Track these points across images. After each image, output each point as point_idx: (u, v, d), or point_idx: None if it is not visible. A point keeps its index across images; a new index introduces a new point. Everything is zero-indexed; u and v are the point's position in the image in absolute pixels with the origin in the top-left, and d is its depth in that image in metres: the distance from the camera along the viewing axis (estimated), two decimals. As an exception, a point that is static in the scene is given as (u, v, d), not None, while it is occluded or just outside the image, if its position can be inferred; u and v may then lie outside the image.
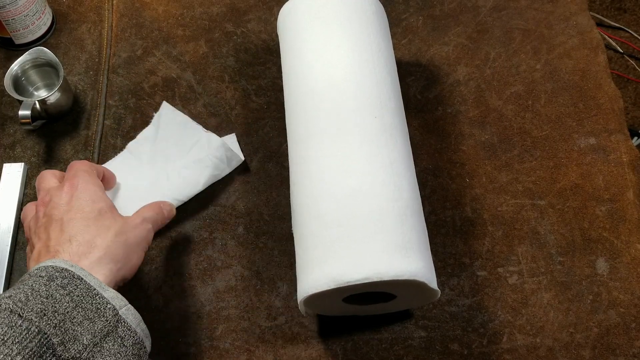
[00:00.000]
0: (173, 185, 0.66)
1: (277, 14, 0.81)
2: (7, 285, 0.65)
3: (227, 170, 0.69)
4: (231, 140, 0.71)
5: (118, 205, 0.64)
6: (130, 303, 0.49)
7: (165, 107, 0.70)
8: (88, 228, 0.51)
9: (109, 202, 0.55)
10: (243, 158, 0.69)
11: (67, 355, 0.42)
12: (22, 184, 0.70)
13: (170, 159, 0.68)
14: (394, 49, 0.77)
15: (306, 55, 0.62)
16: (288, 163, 0.62)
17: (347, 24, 0.61)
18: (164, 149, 0.69)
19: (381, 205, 0.52)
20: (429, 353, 0.62)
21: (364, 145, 0.55)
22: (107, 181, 0.62)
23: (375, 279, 0.49)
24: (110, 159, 0.71)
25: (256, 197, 0.69)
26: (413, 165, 0.59)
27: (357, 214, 0.52)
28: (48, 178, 0.57)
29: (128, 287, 0.65)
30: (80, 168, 0.56)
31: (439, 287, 0.53)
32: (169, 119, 0.70)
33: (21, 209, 0.69)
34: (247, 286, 0.65)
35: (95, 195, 0.54)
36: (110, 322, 0.46)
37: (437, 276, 0.65)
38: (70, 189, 0.54)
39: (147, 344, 0.49)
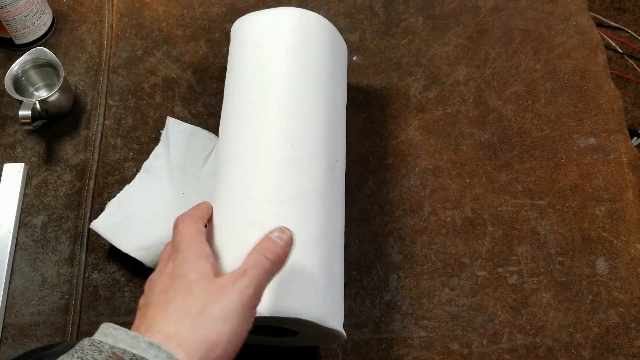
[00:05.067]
0: (199, 194, 0.65)
1: (277, 14, 0.81)
2: (7, 285, 0.65)
3: None
4: None
5: (146, 228, 0.64)
6: (130, 303, 0.49)
7: (171, 122, 0.70)
8: (167, 315, 0.43)
9: (203, 268, 0.46)
10: None
11: None
12: (22, 184, 0.70)
13: (188, 170, 0.67)
14: (394, 48, 0.77)
15: (239, 75, 0.61)
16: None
17: (287, 47, 0.60)
18: (179, 162, 0.68)
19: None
20: (429, 353, 0.62)
21: (274, 173, 0.53)
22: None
23: (268, 315, 0.48)
24: (110, 159, 0.72)
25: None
26: (337, 194, 0.58)
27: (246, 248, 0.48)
28: (182, 230, 0.50)
29: (128, 287, 0.65)
30: (185, 233, 0.49)
31: (438, 287, 0.53)
32: (176, 133, 0.69)
33: (21, 209, 0.69)
34: (247, 286, 0.65)
35: (187, 267, 0.46)
36: None
37: (437, 276, 0.65)
38: (171, 265, 0.47)
39: None
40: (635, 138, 1.26)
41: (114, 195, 0.67)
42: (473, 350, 0.62)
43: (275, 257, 0.46)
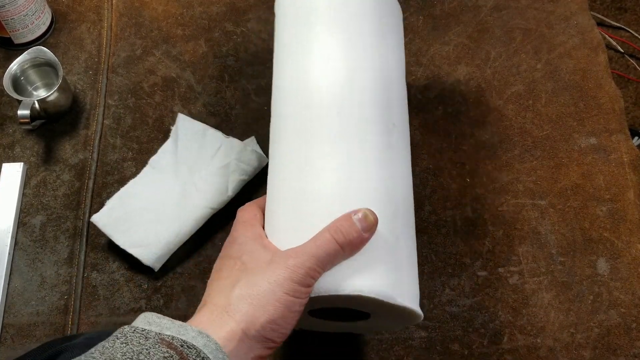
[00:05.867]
0: (202, 193, 0.66)
1: (277, 14, 0.81)
2: (6, 285, 0.65)
3: (253, 174, 0.68)
4: (252, 143, 0.70)
5: (145, 225, 0.64)
6: (130, 303, 0.49)
7: (182, 118, 0.70)
8: (218, 289, 0.45)
9: (252, 247, 0.47)
10: (267, 159, 0.69)
11: None
12: (21, 183, 0.70)
13: (194, 169, 0.67)
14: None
15: (287, 54, 0.56)
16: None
17: (337, 21, 0.55)
18: (186, 159, 0.68)
19: (334, 215, 0.46)
20: (430, 353, 0.61)
21: (323, 144, 0.50)
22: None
23: (325, 294, 0.45)
24: (110, 158, 0.71)
25: (255, 197, 0.69)
26: (397, 161, 0.53)
27: (307, 225, 0.47)
28: (237, 218, 0.51)
29: (127, 287, 0.65)
30: (240, 219, 0.50)
31: (438, 287, 0.53)
32: (186, 130, 0.69)
33: (20, 209, 0.69)
34: (247, 286, 0.64)
35: (239, 248, 0.47)
36: None
37: (437, 276, 0.65)
38: (224, 249, 0.49)
39: None
40: (636, 138, 1.25)
41: (113, 195, 0.67)
42: (473, 351, 0.61)
43: (345, 240, 0.44)
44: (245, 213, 0.51)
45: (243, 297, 0.43)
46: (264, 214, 0.51)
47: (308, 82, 0.53)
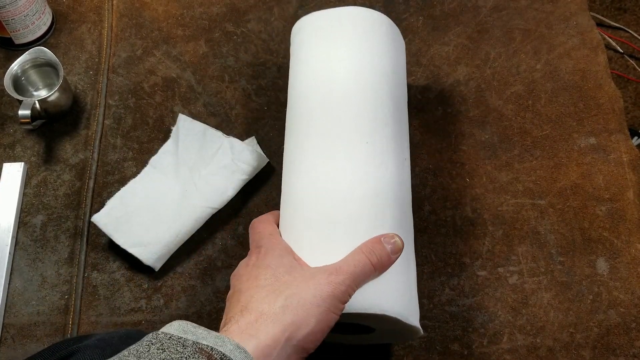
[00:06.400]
0: (202, 193, 0.66)
1: (277, 14, 0.81)
2: (7, 285, 0.65)
3: (253, 173, 0.68)
4: (252, 143, 0.71)
5: (146, 225, 0.65)
6: (130, 303, 0.49)
7: (182, 119, 0.70)
8: (260, 296, 0.46)
9: (288, 261, 0.49)
10: (267, 159, 0.69)
11: None
12: (22, 183, 0.70)
13: (195, 169, 0.68)
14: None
15: (307, 73, 0.60)
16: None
17: (354, 45, 0.59)
18: (186, 159, 0.68)
19: (358, 235, 0.50)
20: (429, 353, 0.61)
21: (347, 171, 0.53)
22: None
23: (354, 311, 0.47)
24: (110, 158, 0.71)
25: (256, 197, 0.69)
26: (407, 190, 0.57)
27: (336, 244, 0.49)
28: (261, 231, 0.53)
29: (127, 287, 0.65)
30: (265, 232, 0.52)
31: (438, 287, 0.53)
32: (187, 130, 0.69)
33: (21, 209, 0.69)
34: (247, 286, 0.65)
35: (274, 260, 0.49)
36: None
37: (437, 276, 0.65)
38: (255, 258, 0.50)
39: None
40: (635, 138, 1.26)
41: (114, 195, 0.67)
42: (473, 351, 0.61)
43: (378, 262, 0.48)
44: (268, 225, 0.53)
45: (288, 307, 0.44)
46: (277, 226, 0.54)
47: (338, 111, 0.56)
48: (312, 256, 0.50)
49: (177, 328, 0.42)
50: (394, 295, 0.49)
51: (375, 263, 0.48)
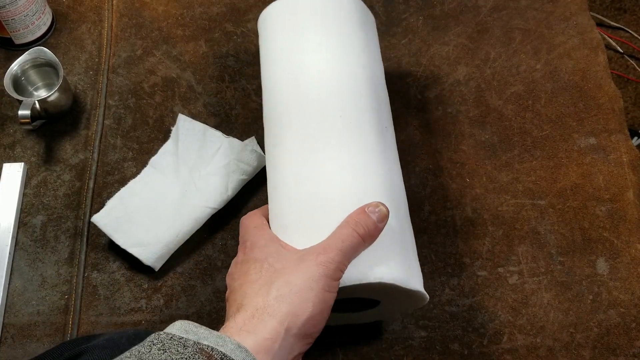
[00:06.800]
0: (202, 193, 0.66)
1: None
2: (7, 285, 0.65)
3: (253, 173, 0.68)
4: (252, 143, 0.71)
5: (146, 225, 0.65)
6: (130, 303, 0.48)
7: (182, 119, 0.70)
8: (253, 291, 0.46)
9: (275, 249, 0.49)
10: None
11: None
12: (21, 183, 0.70)
13: (195, 169, 0.68)
14: (394, 48, 0.77)
15: (279, 61, 0.60)
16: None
17: (324, 31, 0.59)
18: (186, 160, 0.69)
19: (345, 209, 0.49)
20: (429, 353, 0.62)
21: (326, 151, 0.52)
22: None
23: (350, 284, 0.47)
24: (110, 158, 0.71)
25: (256, 197, 0.69)
26: (394, 156, 0.57)
27: (321, 223, 0.49)
28: (247, 225, 0.53)
29: (127, 287, 0.65)
30: (250, 226, 0.52)
31: (438, 287, 0.53)
32: (187, 130, 0.70)
33: (21, 209, 0.69)
34: (247, 286, 0.65)
35: (261, 252, 0.48)
36: None
37: (437, 276, 0.65)
38: (242, 254, 0.50)
39: None
40: (635, 138, 1.25)
41: (114, 195, 0.67)
42: (473, 351, 0.61)
43: (365, 233, 0.47)
44: (255, 219, 0.53)
45: (282, 297, 0.44)
46: (267, 221, 0.53)
47: (307, 88, 0.56)
48: (300, 239, 0.49)
49: (179, 328, 0.42)
50: (389, 263, 0.48)
51: (362, 234, 0.47)
